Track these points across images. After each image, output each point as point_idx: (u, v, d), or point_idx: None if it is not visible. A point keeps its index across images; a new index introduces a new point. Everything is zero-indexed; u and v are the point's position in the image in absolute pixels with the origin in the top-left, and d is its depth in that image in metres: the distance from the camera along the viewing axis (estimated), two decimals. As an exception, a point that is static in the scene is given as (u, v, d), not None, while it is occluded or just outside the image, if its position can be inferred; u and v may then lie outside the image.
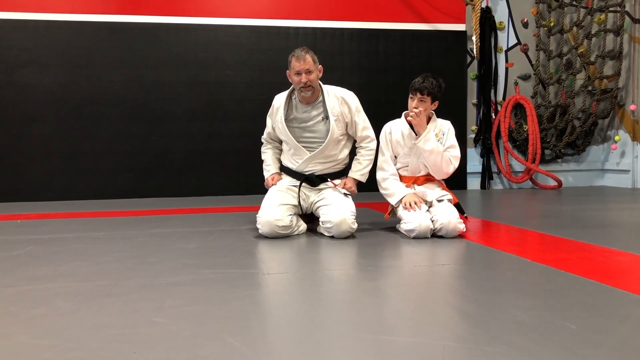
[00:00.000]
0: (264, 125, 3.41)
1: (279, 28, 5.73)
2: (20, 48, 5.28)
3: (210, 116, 5.65)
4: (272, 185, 3.26)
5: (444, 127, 3.16)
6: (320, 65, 3.16)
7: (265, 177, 3.37)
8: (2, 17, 5.25)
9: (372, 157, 3.29)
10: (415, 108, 3.04)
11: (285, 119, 3.17)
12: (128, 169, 5.53)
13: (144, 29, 5.50)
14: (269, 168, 3.39)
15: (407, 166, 3.17)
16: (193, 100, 5.62)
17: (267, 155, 3.43)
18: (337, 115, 3.15)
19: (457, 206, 3.10)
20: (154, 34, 5.52)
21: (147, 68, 5.52)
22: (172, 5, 5.56)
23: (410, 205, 3.01)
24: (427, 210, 3.03)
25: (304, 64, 3.05)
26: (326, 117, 3.15)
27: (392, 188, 3.14)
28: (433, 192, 3.11)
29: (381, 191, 3.21)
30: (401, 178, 3.21)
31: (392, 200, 3.13)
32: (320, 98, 3.19)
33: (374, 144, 3.29)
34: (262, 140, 3.47)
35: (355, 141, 3.33)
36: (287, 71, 3.16)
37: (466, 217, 3.19)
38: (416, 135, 3.08)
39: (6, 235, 3.31)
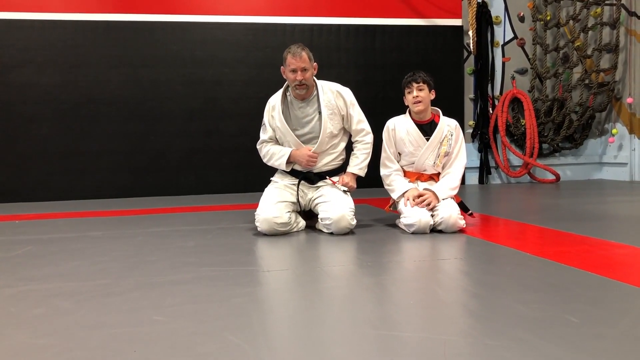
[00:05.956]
0: (261, 123, 3.30)
1: (276, 25, 5.72)
2: (16, 48, 5.26)
3: (208, 114, 5.64)
4: (310, 155, 3.07)
5: (451, 127, 3.15)
6: (315, 63, 3.12)
7: (293, 156, 3.11)
8: (-3, 17, 5.23)
9: (369, 150, 3.25)
10: (416, 97, 3.04)
11: (283, 118, 3.14)
12: (126, 168, 5.52)
13: (140, 28, 5.48)
14: (284, 151, 3.15)
15: (413, 164, 3.17)
16: (190, 99, 5.61)
17: (273, 147, 3.22)
18: (333, 109, 3.13)
19: (461, 205, 3.10)
20: (151, 32, 5.50)
21: (143, 67, 5.51)
22: (169, 3, 5.54)
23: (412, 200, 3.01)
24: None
25: (300, 61, 3.01)
26: (320, 113, 3.12)
27: (395, 183, 3.15)
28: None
29: (385, 186, 3.23)
30: (405, 173, 3.21)
31: (394, 195, 3.13)
32: (315, 93, 3.17)
33: (369, 137, 3.26)
34: (260, 144, 3.29)
35: (350, 135, 3.30)
36: (282, 67, 3.12)
37: (471, 214, 3.20)
38: (425, 136, 3.10)
39: (5, 235, 3.30)
